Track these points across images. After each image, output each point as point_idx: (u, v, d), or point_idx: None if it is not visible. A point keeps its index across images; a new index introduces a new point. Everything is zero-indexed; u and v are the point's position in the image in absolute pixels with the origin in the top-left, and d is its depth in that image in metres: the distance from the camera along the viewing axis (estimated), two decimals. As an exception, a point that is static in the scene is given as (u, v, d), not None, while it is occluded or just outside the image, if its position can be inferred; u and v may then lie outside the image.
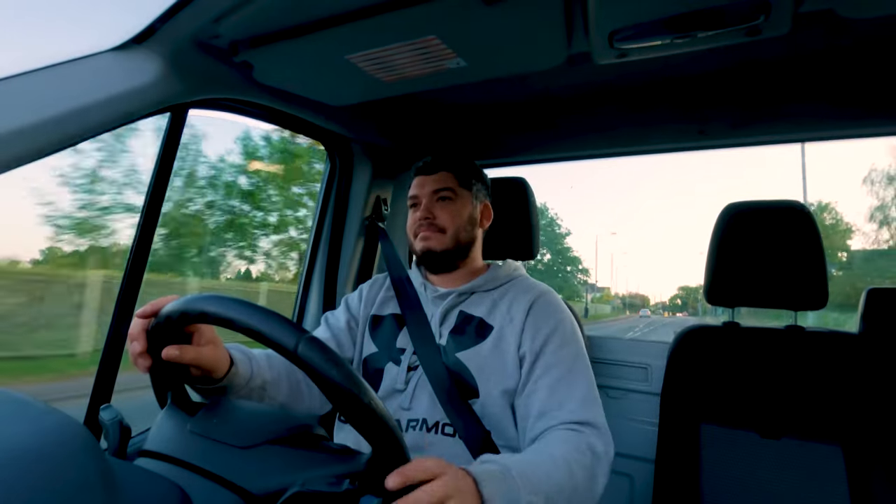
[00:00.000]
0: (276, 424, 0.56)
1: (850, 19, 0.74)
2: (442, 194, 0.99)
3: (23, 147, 0.64)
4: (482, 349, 0.89)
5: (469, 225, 1.00)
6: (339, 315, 1.05)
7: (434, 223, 0.97)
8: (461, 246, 0.99)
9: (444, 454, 0.81)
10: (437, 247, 0.97)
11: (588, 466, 0.72)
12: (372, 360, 0.97)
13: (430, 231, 0.97)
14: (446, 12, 0.73)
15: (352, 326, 1.04)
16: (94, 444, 0.37)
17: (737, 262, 1.04)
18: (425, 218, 0.98)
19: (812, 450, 0.93)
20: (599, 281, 68.92)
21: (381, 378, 0.93)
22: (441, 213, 0.98)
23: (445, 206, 0.98)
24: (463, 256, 1.01)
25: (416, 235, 1.00)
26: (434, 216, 0.98)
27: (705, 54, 0.83)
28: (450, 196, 0.99)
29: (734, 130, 1.19)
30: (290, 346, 0.46)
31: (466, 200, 1.01)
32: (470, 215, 1.01)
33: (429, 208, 0.98)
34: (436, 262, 1.00)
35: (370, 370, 0.96)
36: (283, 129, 1.23)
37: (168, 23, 0.76)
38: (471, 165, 1.04)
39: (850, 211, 64.89)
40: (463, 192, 1.00)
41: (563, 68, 0.89)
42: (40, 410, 0.38)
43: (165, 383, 0.62)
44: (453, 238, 0.98)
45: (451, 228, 0.98)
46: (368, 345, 1.00)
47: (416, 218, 1.00)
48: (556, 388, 0.83)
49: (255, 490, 0.48)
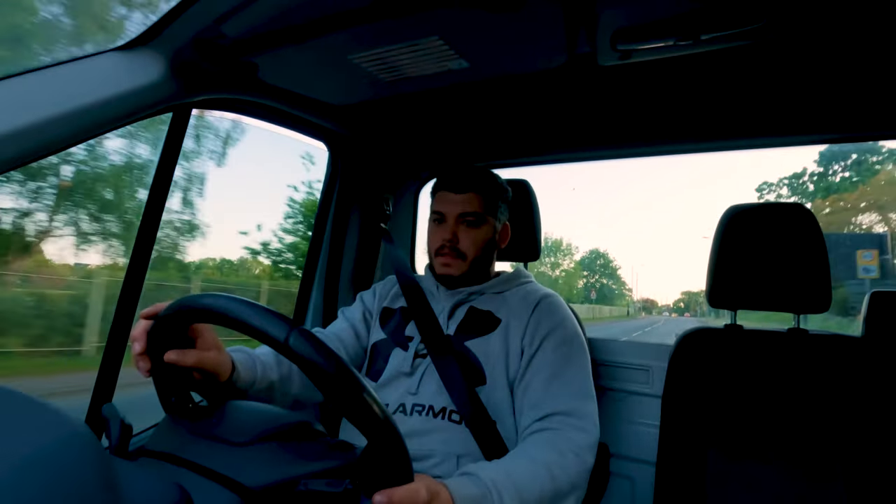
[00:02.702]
0: (273, 421, 0.57)
1: (851, 23, 0.74)
2: (468, 219, 0.98)
3: (26, 145, 0.64)
4: (489, 339, 0.93)
5: (490, 246, 1.02)
6: (354, 309, 1.10)
7: (457, 247, 0.97)
8: (478, 268, 1.01)
9: (450, 440, 0.83)
10: (456, 273, 0.99)
11: (571, 467, 0.75)
12: (380, 345, 1.01)
13: (450, 257, 0.98)
14: (449, 13, 0.73)
15: (367, 318, 1.08)
16: (95, 443, 0.37)
17: (739, 265, 1.03)
18: (449, 241, 0.97)
19: (813, 453, 0.92)
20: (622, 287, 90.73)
21: (387, 362, 0.96)
22: (464, 237, 0.98)
23: (469, 232, 0.98)
24: (480, 275, 1.03)
25: (436, 255, 1.00)
26: (457, 240, 0.98)
27: (708, 56, 0.83)
28: (475, 221, 0.98)
29: (737, 132, 1.19)
30: (281, 339, 0.46)
31: (490, 226, 1.01)
32: (491, 238, 1.02)
33: (453, 230, 0.98)
34: (453, 283, 1.02)
35: (376, 354, 0.99)
36: (285, 128, 1.23)
37: (171, 23, 0.76)
38: (497, 187, 1.03)
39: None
40: (488, 217, 1.00)
41: (566, 70, 0.89)
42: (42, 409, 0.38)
43: (169, 387, 0.63)
44: (472, 263, 0.99)
45: (471, 255, 0.98)
46: (377, 332, 1.04)
47: (439, 236, 0.99)
48: (551, 383, 0.86)
49: (252, 485, 0.48)
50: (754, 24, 0.71)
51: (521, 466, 0.71)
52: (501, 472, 0.68)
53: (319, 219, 1.41)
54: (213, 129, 6.38)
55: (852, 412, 0.92)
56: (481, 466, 0.69)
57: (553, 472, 0.72)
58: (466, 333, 0.94)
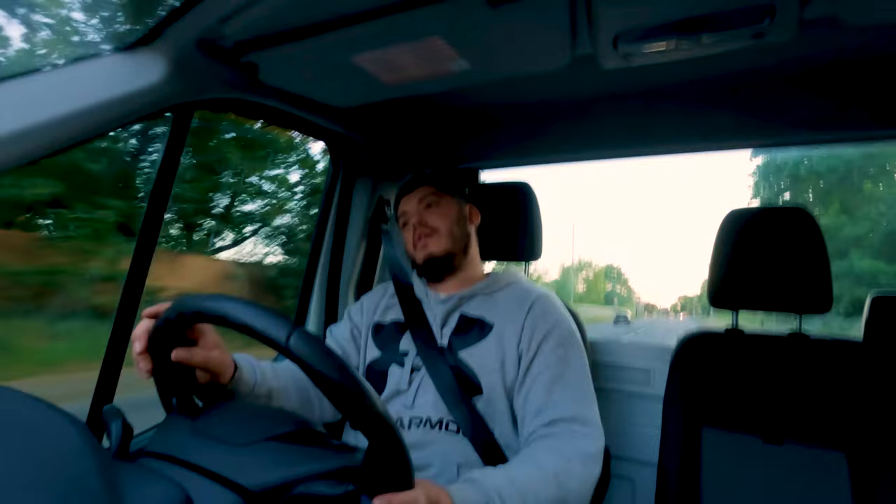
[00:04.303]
0: (275, 422, 0.57)
1: (854, 25, 0.73)
2: (427, 201, 1.03)
3: (29, 145, 0.64)
4: (483, 346, 0.91)
5: (460, 221, 1.04)
6: (342, 326, 1.08)
7: (426, 226, 1.01)
8: (458, 244, 1.02)
9: (449, 450, 0.83)
10: (437, 250, 1.00)
11: (577, 475, 0.75)
12: (376, 364, 0.98)
13: (425, 238, 1.01)
14: (451, 14, 0.73)
15: (355, 336, 1.06)
16: (96, 444, 0.37)
17: (740, 266, 1.03)
18: (418, 224, 1.01)
19: (816, 456, 0.92)
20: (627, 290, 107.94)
21: (386, 381, 0.94)
22: (430, 216, 1.03)
23: (433, 211, 1.03)
24: (463, 255, 1.04)
25: (414, 247, 1.02)
26: (425, 222, 1.01)
27: (710, 58, 0.83)
28: (434, 201, 1.04)
29: (739, 133, 1.18)
30: (282, 340, 0.46)
31: (451, 201, 1.05)
32: (458, 213, 1.05)
33: (419, 216, 1.02)
34: (438, 267, 1.01)
35: (374, 374, 0.97)
36: (286, 129, 1.23)
37: (173, 24, 0.76)
38: (447, 174, 1.09)
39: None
40: (445, 196, 1.05)
41: (568, 71, 0.89)
42: (43, 410, 0.38)
43: (171, 389, 0.63)
44: (448, 236, 1.01)
45: (443, 226, 1.01)
46: (372, 350, 1.01)
47: (409, 231, 1.04)
48: (552, 387, 0.85)
49: (253, 487, 0.48)
50: (756, 24, 0.71)
51: (526, 473, 0.70)
52: (505, 478, 0.67)
53: (320, 220, 1.41)
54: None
55: (854, 416, 0.91)
56: (485, 473, 0.68)
57: (560, 479, 0.71)
58: (460, 343, 0.93)
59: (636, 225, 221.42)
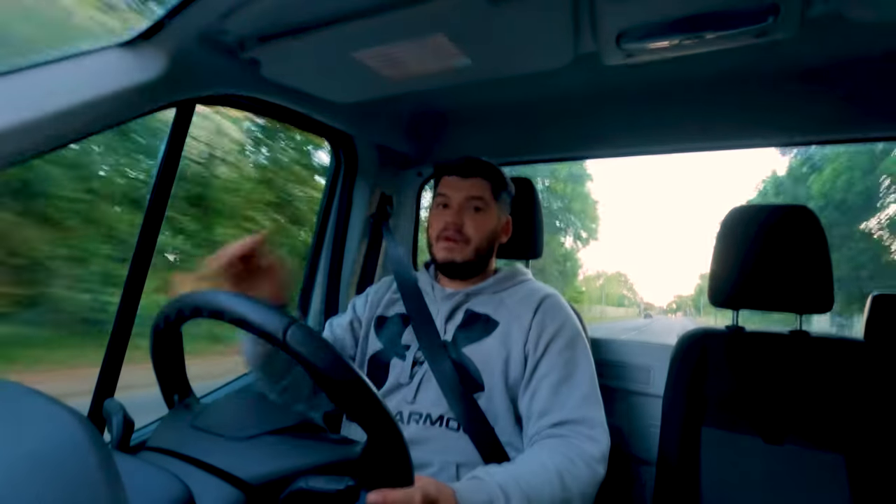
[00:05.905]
0: (274, 416, 0.57)
1: (858, 23, 0.73)
2: (475, 204, 0.97)
3: (29, 141, 0.64)
4: (487, 343, 0.90)
5: (491, 237, 1.00)
6: (343, 317, 1.07)
7: (461, 230, 0.96)
8: (481, 257, 0.99)
9: (449, 447, 0.83)
10: (459, 258, 0.96)
11: (581, 477, 0.74)
12: (377, 356, 0.98)
13: (454, 241, 0.96)
14: (454, 10, 0.73)
15: (354, 326, 1.05)
16: (97, 438, 0.37)
17: (741, 265, 1.03)
18: (454, 223, 0.96)
19: (815, 457, 0.92)
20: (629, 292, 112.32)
21: (387, 374, 0.94)
22: (470, 222, 0.96)
23: (475, 217, 0.97)
24: (481, 267, 1.01)
25: (438, 239, 0.97)
26: (462, 223, 0.96)
27: (713, 56, 0.83)
28: (481, 207, 0.97)
29: (742, 132, 1.18)
30: (279, 334, 0.46)
31: (494, 214, 1.00)
32: (496, 226, 1.01)
33: (459, 214, 0.97)
34: (454, 271, 1.00)
35: (376, 366, 0.97)
36: (288, 125, 1.23)
37: (175, 18, 0.76)
38: (503, 178, 1.02)
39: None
40: (493, 205, 0.99)
41: (570, 68, 0.89)
42: (44, 403, 0.38)
43: (172, 384, 0.63)
44: (475, 250, 0.97)
45: (475, 240, 0.96)
46: (374, 343, 1.00)
47: (443, 220, 0.97)
48: (559, 388, 0.84)
49: (253, 480, 0.48)
50: (760, 22, 0.70)
51: (531, 473, 0.70)
52: (510, 477, 0.67)
53: (322, 216, 1.41)
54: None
55: (855, 415, 0.91)
56: (489, 471, 0.68)
57: (564, 479, 0.71)
58: (464, 338, 0.92)
59: (636, 225, 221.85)
